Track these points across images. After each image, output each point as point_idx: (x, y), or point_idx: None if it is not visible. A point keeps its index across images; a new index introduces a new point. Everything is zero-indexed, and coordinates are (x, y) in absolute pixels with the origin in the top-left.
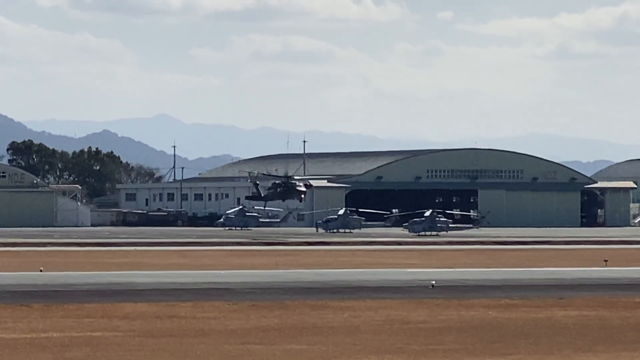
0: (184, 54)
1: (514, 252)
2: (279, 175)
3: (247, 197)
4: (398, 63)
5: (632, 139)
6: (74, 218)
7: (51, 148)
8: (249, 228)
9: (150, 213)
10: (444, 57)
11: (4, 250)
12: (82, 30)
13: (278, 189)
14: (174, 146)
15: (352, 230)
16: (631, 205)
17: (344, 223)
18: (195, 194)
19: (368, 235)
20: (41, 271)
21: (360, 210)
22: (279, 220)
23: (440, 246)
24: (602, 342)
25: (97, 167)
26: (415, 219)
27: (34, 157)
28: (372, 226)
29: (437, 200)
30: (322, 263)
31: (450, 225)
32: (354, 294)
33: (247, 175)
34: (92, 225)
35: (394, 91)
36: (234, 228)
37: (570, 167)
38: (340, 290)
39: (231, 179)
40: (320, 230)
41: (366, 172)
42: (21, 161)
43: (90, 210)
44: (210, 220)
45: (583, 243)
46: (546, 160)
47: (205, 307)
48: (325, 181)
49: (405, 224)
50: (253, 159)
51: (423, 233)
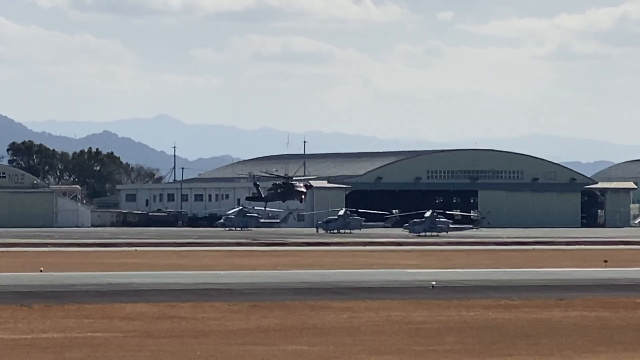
0: (184, 55)
1: (514, 253)
2: (279, 175)
3: (247, 198)
4: (398, 63)
5: (633, 139)
6: (74, 219)
7: (51, 149)
8: (249, 228)
9: (150, 214)
10: (444, 58)
11: (4, 250)
12: (82, 30)
13: (278, 190)
14: (174, 147)
15: (352, 231)
16: (631, 205)
17: (344, 223)
18: (195, 195)
19: (368, 236)
20: (41, 271)
21: (360, 210)
22: (279, 220)
23: (441, 247)
24: (602, 342)
25: (97, 168)
26: (416, 220)
27: (34, 157)
28: (372, 227)
29: (437, 201)
30: (322, 263)
31: (451, 225)
32: (354, 294)
33: (247, 175)
34: (92, 225)
35: (394, 91)
36: (234, 228)
37: (570, 167)
38: (341, 291)
39: (231, 179)
40: (321, 230)
41: (366, 173)
42: (21, 162)
43: (91, 211)
44: (211, 220)
45: (583, 243)
46: (546, 160)
47: (205, 307)
48: (326, 182)
49: (405, 225)
50: (253, 159)
51: (423, 233)
